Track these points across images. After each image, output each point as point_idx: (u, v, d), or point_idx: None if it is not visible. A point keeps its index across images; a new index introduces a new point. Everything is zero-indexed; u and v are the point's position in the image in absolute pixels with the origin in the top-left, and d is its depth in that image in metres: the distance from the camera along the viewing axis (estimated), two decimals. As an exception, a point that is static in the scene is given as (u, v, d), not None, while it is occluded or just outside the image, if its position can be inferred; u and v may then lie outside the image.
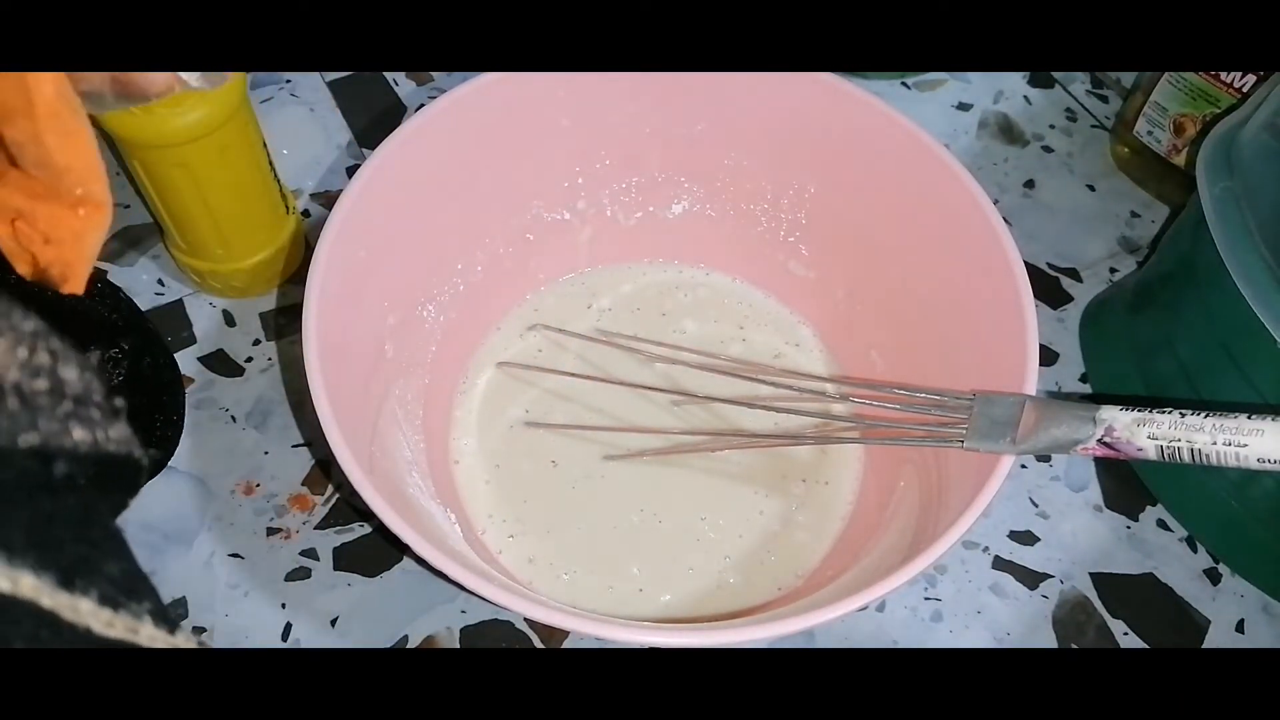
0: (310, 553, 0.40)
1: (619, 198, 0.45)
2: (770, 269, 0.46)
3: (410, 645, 0.38)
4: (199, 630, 0.38)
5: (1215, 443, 0.26)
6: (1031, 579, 0.42)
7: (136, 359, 0.41)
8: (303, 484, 0.42)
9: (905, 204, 0.40)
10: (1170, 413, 0.27)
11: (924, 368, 0.39)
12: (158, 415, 0.41)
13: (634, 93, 0.41)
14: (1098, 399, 0.46)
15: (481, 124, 0.39)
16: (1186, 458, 0.27)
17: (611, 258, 0.47)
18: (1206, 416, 0.27)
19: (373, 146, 0.36)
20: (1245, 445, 0.26)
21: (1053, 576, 0.42)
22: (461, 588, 0.28)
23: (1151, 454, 0.27)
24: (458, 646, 0.39)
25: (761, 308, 0.46)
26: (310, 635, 0.38)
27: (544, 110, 0.40)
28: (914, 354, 0.41)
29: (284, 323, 0.46)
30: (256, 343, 0.46)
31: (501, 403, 0.43)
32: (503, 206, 0.42)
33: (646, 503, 0.40)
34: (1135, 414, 0.28)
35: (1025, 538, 0.43)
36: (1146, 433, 0.27)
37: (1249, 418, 0.26)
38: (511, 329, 0.45)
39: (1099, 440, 0.28)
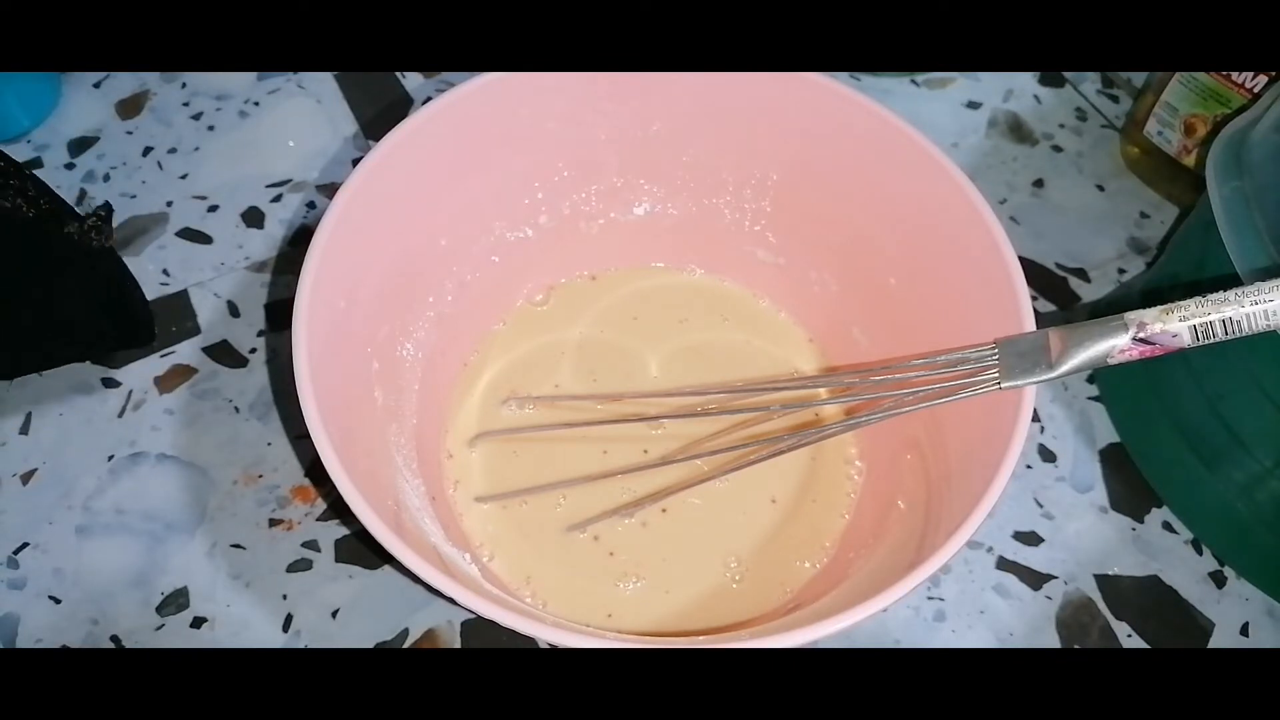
0: (312, 544, 0.40)
1: (580, 208, 0.44)
2: (739, 259, 0.46)
3: (411, 638, 0.38)
4: (200, 620, 0.38)
5: (1244, 307, 0.27)
6: (1035, 580, 0.41)
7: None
8: (305, 476, 0.42)
9: (864, 176, 0.39)
10: (1192, 297, 0.28)
11: (909, 338, 0.39)
12: None
13: (587, 98, 0.40)
14: (1102, 398, 0.46)
15: (436, 152, 0.38)
16: (1220, 332, 0.28)
17: (579, 270, 0.46)
18: (1227, 290, 0.28)
19: (379, 138, 0.36)
20: (1273, 300, 0.27)
21: (1057, 578, 0.41)
22: (453, 601, 0.29)
23: (1187, 338, 0.28)
24: (459, 641, 0.39)
25: (737, 299, 0.46)
26: (311, 626, 0.38)
27: (498, 128, 0.40)
28: (897, 328, 0.40)
29: (288, 314, 0.46)
30: (260, 334, 0.46)
31: (491, 423, 0.42)
32: (465, 232, 0.41)
33: (649, 515, 0.40)
34: (1160, 307, 0.28)
35: (1030, 538, 0.42)
36: (1177, 317, 0.28)
37: (1265, 282, 0.27)
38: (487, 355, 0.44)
39: (1134, 339, 0.29)
